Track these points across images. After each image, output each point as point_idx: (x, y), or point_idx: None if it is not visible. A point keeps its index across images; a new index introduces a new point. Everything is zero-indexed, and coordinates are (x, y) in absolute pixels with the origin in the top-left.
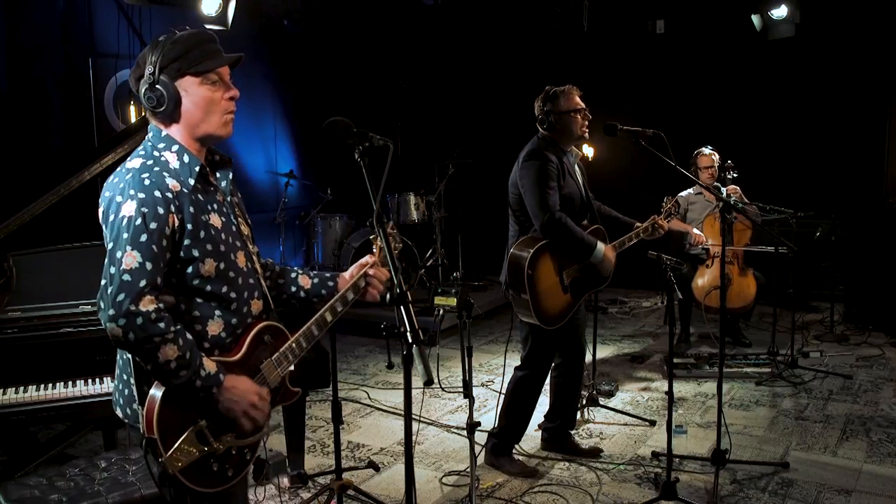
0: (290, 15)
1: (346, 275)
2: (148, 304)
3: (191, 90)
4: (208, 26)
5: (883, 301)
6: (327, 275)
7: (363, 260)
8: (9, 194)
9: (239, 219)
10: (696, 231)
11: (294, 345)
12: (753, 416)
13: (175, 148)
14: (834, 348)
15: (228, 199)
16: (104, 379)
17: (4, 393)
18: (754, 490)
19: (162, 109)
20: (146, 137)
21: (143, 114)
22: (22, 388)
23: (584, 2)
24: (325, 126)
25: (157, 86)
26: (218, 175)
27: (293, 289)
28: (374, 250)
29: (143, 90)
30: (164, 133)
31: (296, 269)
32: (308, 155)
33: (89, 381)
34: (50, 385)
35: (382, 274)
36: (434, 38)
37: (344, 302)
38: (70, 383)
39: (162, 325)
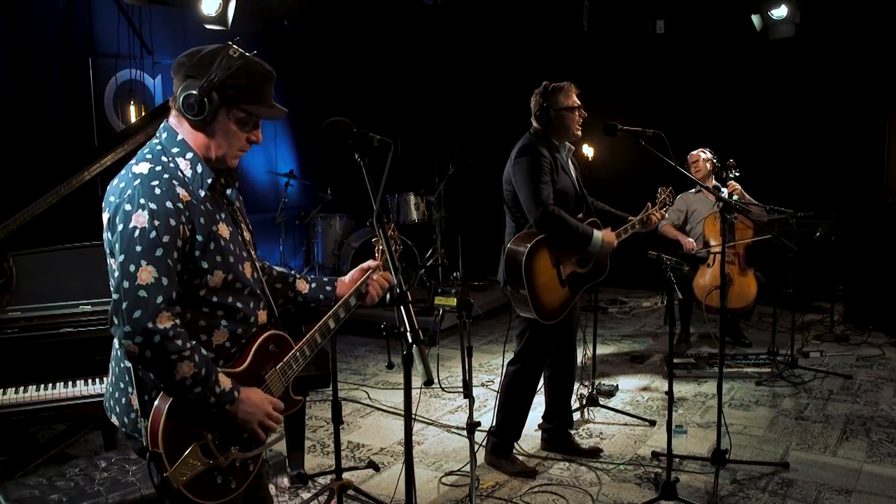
0: (290, 15)
1: (346, 279)
2: (165, 322)
3: (227, 120)
4: (208, 26)
5: (883, 301)
6: (325, 279)
7: (364, 264)
8: (9, 194)
9: (242, 226)
10: (688, 239)
11: (298, 353)
12: (753, 416)
13: (189, 155)
14: (834, 348)
15: (234, 206)
16: (104, 379)
17: (4, 393)
18: (754, 490)
19: (197, 118)
20: (156, 137)
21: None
22: (22, 388)
23: (584, 1)
24: (325, 126)
25: (206, 99)
26: (223, 182)
27: (291, 293)
28: (377, 254)
29: (188, 93)
30: (179, 137)
31: (293, 273)
32: (308, 155)
33: (89, 381)
34: (50, 385)
35: (386, 279)
36: (434, 38)
37: (347, 308)
38: (70, 383)
39: (179, 342)
